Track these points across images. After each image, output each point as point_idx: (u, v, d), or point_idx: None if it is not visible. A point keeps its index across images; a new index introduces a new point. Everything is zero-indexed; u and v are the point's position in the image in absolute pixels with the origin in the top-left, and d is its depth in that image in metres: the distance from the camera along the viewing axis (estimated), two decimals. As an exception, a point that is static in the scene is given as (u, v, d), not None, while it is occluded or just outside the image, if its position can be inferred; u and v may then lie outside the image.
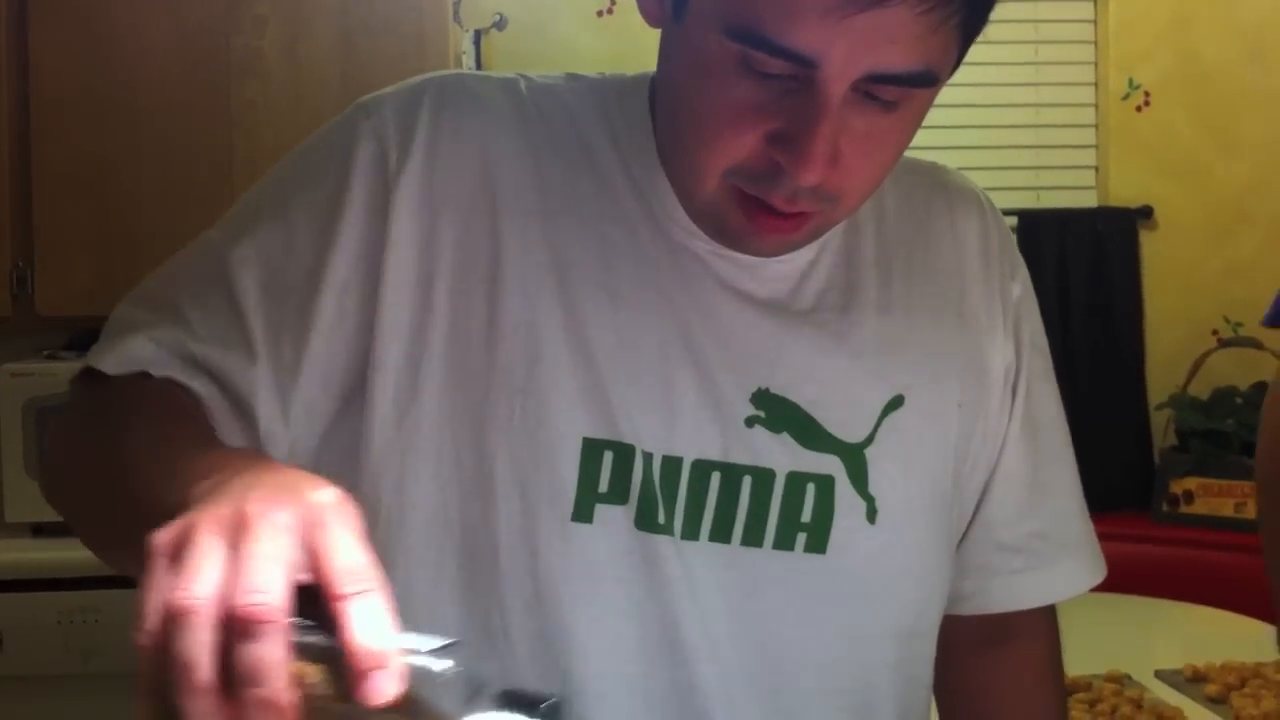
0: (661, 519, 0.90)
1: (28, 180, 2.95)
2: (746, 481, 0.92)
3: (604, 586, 0.89)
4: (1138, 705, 1.81)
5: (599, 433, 0.90)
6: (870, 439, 0.95)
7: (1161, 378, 3.64)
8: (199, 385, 0.88)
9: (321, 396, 0.91)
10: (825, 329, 0.96)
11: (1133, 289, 3.67)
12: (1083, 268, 3.63)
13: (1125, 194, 3.70)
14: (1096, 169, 3.76)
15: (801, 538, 0.93)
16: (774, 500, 0.92)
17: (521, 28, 3.52)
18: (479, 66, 3.44)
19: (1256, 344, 3.57)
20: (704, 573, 0.91)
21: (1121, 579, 2.62)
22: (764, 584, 0.93)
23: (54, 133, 2.95)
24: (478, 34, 3.45)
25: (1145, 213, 3.69)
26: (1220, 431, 3.41)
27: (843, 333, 0.96)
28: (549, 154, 0.94)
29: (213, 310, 0.90)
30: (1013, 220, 3.59)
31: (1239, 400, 3.48)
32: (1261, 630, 2.36)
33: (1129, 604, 2.55)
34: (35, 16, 2.93)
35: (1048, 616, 1.12)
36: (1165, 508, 3.43)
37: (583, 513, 0.89)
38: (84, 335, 3.04)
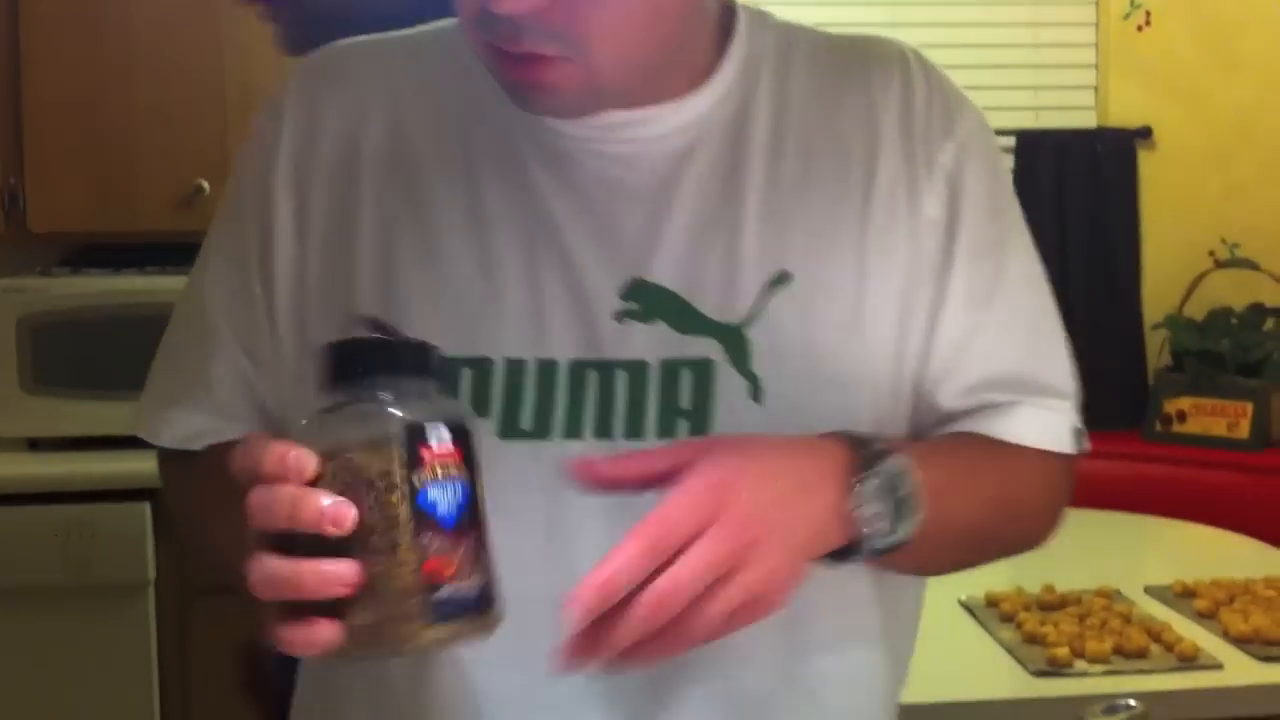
0: (528, 425, 0.90)
1: (17, 97, 2.94)
2: (622, 376, 0.91)
3: (493, 499, 0.80)
4: (1127, 619, 1.82)
5: (454, 350, 0.90)
6: (751, 318, 0.93)
7: (1157, 298, 3.63)
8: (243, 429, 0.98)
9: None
10: (701, 213, 0.94)
11: (1130, 210, 3.66)
12: (1081, 188, 3.61)
13: (1124, 114, 3.68)
14: (1096, 89, 3.73)
15: (683, 424, 0.91)
16: (649, 390, 0.91)
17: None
18: None
19: (1253, 265, 3.56)
20: None
21: (1113, 496, 2.66)
22: None
23: (45, 51, 2.92)
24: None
25: (1144, 133, 3.66)
26: (1215, 352, 3.41)
27: (721, 215, 0.94)
28: (416, 94, 0.97)
29: (218, 358, 0.99)
30: (1010, 140, 3.57)
31: (1234, 321, 3.47)
32: (1250, 547, 2.38)
33: (1120, 521, 2.57)
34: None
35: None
36: (1158, 427, 3.44)
37: None
38: (76, 251, 3.04)
